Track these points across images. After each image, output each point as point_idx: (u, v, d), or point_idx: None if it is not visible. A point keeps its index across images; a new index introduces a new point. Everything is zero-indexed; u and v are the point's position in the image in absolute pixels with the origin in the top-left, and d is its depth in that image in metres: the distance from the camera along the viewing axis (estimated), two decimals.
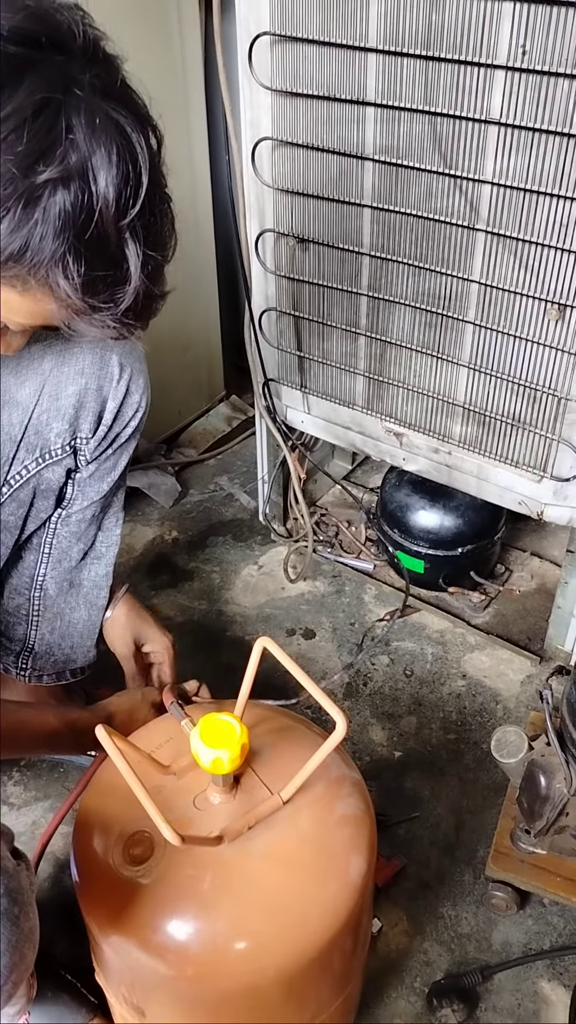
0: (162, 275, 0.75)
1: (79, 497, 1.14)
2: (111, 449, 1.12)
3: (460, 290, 1.21)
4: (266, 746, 0.88)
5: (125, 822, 0.83)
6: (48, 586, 1.18)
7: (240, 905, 0.79)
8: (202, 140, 1.76)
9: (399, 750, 1.36)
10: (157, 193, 0.70)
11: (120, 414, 1.09)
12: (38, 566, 1.16)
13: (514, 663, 1.50)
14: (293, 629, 1.57)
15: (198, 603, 1.62)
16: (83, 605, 1.21)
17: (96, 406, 1.07)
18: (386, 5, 1.07)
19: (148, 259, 0.70)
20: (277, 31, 1.18)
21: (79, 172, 0.63)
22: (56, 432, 1.07)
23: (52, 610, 1.19)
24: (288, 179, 1.29)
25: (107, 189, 0.64)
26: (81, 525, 1.15)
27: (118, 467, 1.15)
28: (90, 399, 1.06)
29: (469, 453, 1.35)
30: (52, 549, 1.16)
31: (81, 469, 1.11)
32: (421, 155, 1.14)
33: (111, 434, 1.10)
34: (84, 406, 1.06)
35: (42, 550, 1.16)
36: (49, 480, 1.10)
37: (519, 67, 1.00)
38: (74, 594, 1.20)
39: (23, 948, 0.72)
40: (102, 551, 1.19)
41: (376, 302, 1.31)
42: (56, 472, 1.09)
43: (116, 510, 1.19)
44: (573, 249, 1.07)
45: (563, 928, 1.15)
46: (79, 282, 0.66)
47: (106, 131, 0.64)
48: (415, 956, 1.12)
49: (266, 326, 1.46)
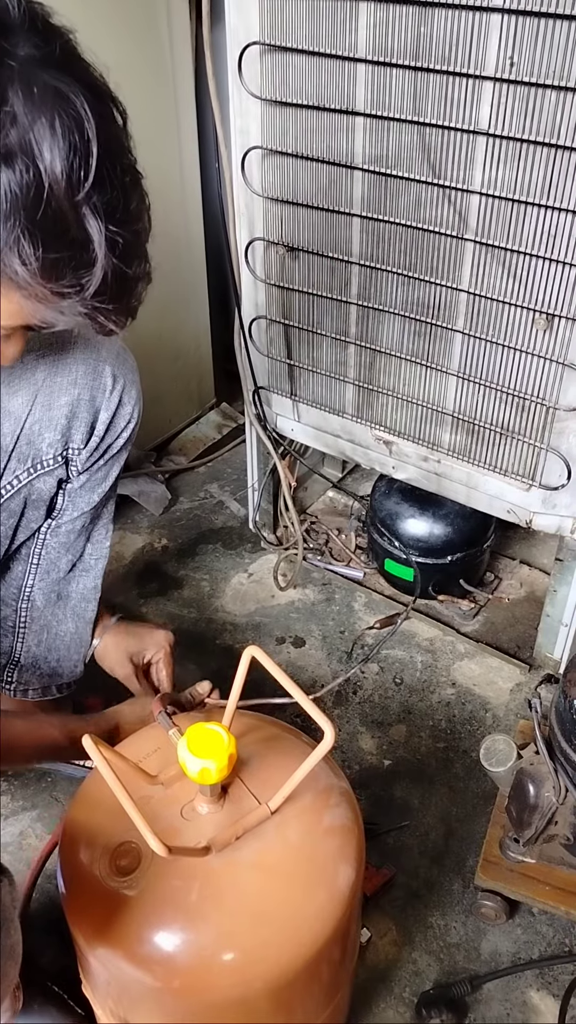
0: (135, 254, 0.69)
1: (69, 507, 1.13)
2: (103, 460, 1.11)
3: (449, 299, 1.21)
4: (254, 756, 0.88)
5: (112, 833, 0.83)
6: (35, 597, 1.17)
7: (227, 916, 0.79)
8: (192, 148, 1.76)
9: (388, 759, 1.36)
10: (117, 165, 0.65)
11: (112, 425, 1.09)
12: (26, 577, 1.16)
13: (503, 671, 1.50)
14: (283, 637, 1.57)
15: (188, 611, 1.62)
16: (71, 618, 1.20)
17: (88, 417, 1.07)
18: (375, 16, 1.07)
19: (115, 236, 0.65)
20: (267, 41, 1.18)
21: (21, 147, 0.59)
22: (48, 442, 1.06)
23: (39, 622, 1.18)
24: (278, 188, 1.29)
25: (54, 162, 0.60)
26: (71, 536, 1.15)
27: (109, 478, 1.14)
28: (82, 410, 1.06)
29: (458, 461, 1.35)
30: (40, 560, 1.15)
31: (72, 480, 1.11)
32: (410, 165, 1.14)
33: (103, 445, 1.10)
34: (76, 416, 1.06)
35: (30, 561, 1.15)
36: (40, 490, 1.09)
37: (507, 78, 1.01)
38: (62, 606, 1.19)
39: (4, 965, 0.71)
40: (91, 563, 1.19)
41: (365, 311, 1.31)
42: (47, 482, 1.09)
43: (106, 522, 1.19)
44: (560, 259, 1.08)
45: (552, 937, 1.14)
46: (37, 267, 0.63)
47: (46, 100, 0.60)
48: (404, 966, 1.12)
49: (256, 334, 1.47)
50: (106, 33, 1.50)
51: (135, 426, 1.12)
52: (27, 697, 1.22)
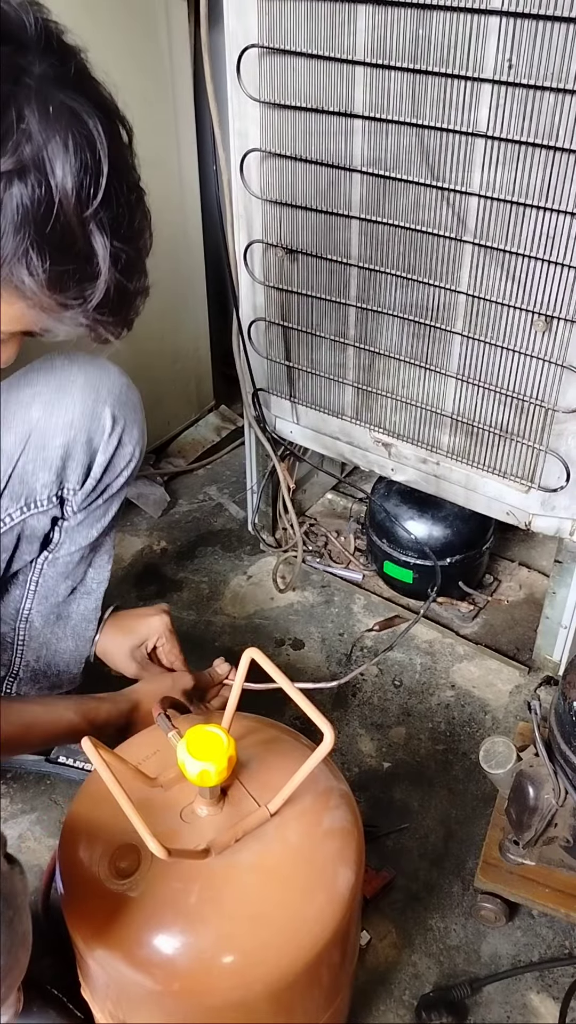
0: (136, 269, 0.71)
1: (67, 542, 1.12)
2: (101, 499, 1.10)
3: (448, 301, 1.21)
4: (254, 758, 0.88)
5: (111, 835, 0.83)
6: (34, 619, 1.16)
7: (227, 918, 0.79)
8: (191, 151, 1.76)
9: (388, 761, 1.36)
10: (124, 183, 0.67)
11: (111, 466, 1.07)
12: (24, 600, 1.14)
13: (503, 673, 1.50)
14: (282, 639, 1.57)
15: (187, 613, 1.62)
16: (70, 637, 1.19)
17: (85, 459, 1.05)
18: (373, 19, 1.08)
19: (118, 252, 0.67)
20: (265, 43, 1.18)
21: (35, 163, 0.61)
22: (42, 483, 1.04)
23: (38, 640, 1.18)
24: (276, 190, 1.30)
25: (65, 179, 0.62)
26: (68, 567, 1.14)
27: (108, 514, 1.13)
28: (79, 451, 1.04)
29: (457, 463, 1.35)
30: (38, 587, 1.14)
31: (69, 518, 1.09)
32: (409, 167, 1.14)
33: (101, 485, 1.08)
34: (72, 458, 1.04)
35: (28, 587, 1.14)
36: (34, 527, 1.08)
37: (505, 80, 1.01)
38: (61, 626, 1.18)
39: (18, 952, 0.72)
40: (92, 587, 1.17)
41: (364, 313, 1.31)
42: (41, 520, 1.07)
43: (108, 548, 1.18)
44: (559, 261, 1.08)
45: (552, 940, 1.14)
46: (44, 278, 0.64)
47: (60, 119, 0.62)
48: (404, 969, 1.11)
49: (255, 336, 1.47)
50: (105, 35, 1.50)
51: (137, 464, 1.10)
52: None
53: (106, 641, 1.21)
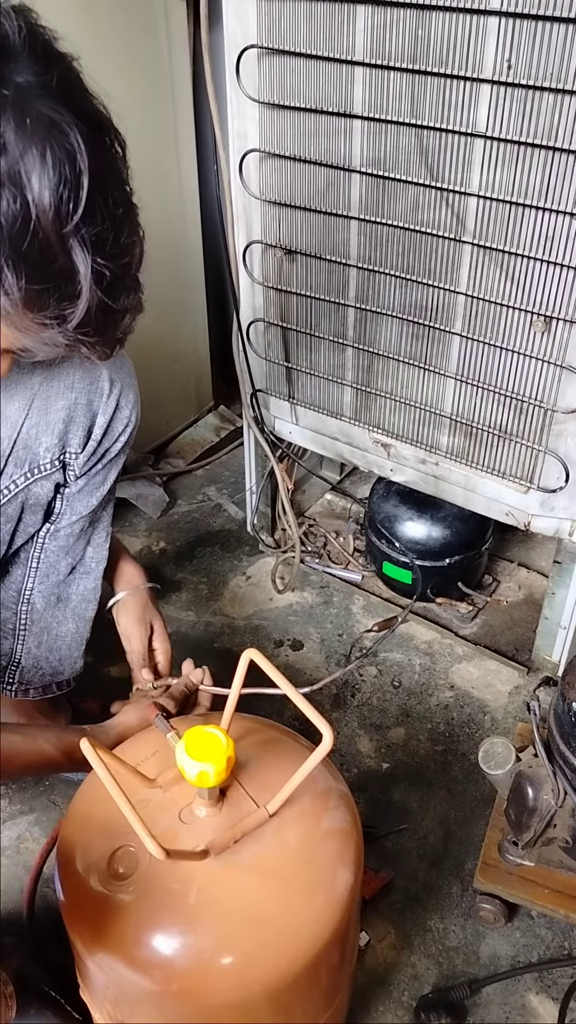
0: (123, 287, 0.68)
1: (68, 512, 1.13)
2: (100, 464, 1.11)
3: (447, 302, 1.21)
4: (252, 758, 0.88)
5: (110, 836, 0.82)
6: (35, 600, 1.17)
7: (226, 919, 0.79)
8: (190, 151, 1.76)
9: (387, 762, 1.36)
10: (109, 197, 0.64)
11: (110, 429, 1.09)
12: (25, 580, 1.16)
13: (502, 674, 1.50)
14: (281, 640, 1.57)
15: (186, 614, 1.62)
16: (71, 619, 1.20)
17: (86, 421, 1.07)
18: (373, 19, 1.08)
19: (102, 269, 0.64)
20: (264, 44, 1.18)
21: (10, 177, 0.58)
22: (45, 447, 1.06)
23: (39, 624, 1.18)
24: (275, 191, 1.30)
25: (42, 193, 0.59)
26: (70, 540, 1.15)
27: (107, 482, 1.14)
28: (80, 414, 1.06)
29: (456, 464, 1.35)
30: (40, 564, 1.15)
31: (70, 484, 1.11)
32: (408, 168, 1.14)
33: (100, 449, 1.10)
34: (74, 421, 1.06)
35: (29, 564, 1.15)
36: (37, 495, 1.09)
37: (505, 81, 1.01)
38: (62, 608, 1.19)
39: None
40: (91, 566, 1.18)
41: (363, 313, 1.31)
42: (44, 487, 1.09)
43: (105, 525, 1.19)
44: (559, 261, 1.08)
45: (551, 940, 1.14)
46: (19, 297, 0.62)
47: (38, 130, 0.59)
48: (403, 970, 1.11)
49: (254, 337, 1.47)
50: (104, 36, 1.50)
51: (133, 429, 1.12)
52: (27, 697, 1.22)
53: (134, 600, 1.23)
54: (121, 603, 1.23)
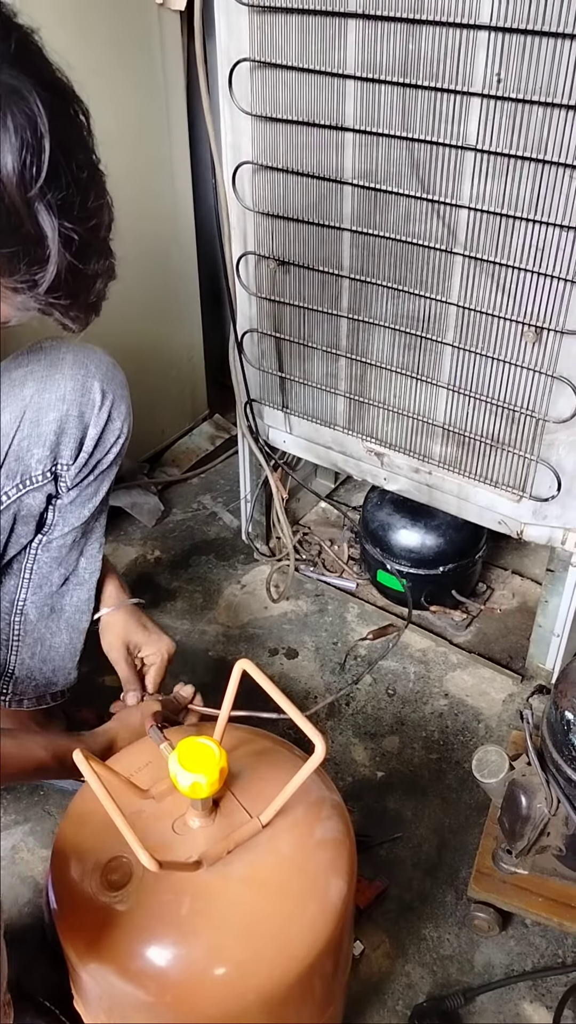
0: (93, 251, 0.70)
1: (60, 523, 1.13)
2: (92, 475, 1.12)
3: (439, 312, 1.22)
4: (245, 769, 0.88)
5: (103, 847, 0.83)
6: (28, 611, 1.17)
7: (219, 930, 0.79)
8: (184, 162, 1.77)
9: (381, 770, 1.36)
10: (72, 162, 0.65)
11: (102, 440, 1.09)
12: (18, 591, 1.16)
13: (496, 682, 1.50)
14: (276, 648, 1.57)
15: (180, 623, 1.62)
16: (65, 630, 1.20)
17: (77, 433, 1.07)
18: (364, 33, 1.09)
19: (70, 233, 0.66)
20: (257, 57, 1.19)
21: None
22: (37, 459, 1.07)
23: (33, 635, 1.18)
24: (269, 202, 1.30)
25: (5, 158, 0.60)
26: (62, 551, 1.15)
27: (99, 493, 1.14)
28: (71, 426, 1.06)
29: (449, 473, 1.36)
30: (33, 575, 1.15)
31: (62, 495, 1.11)
32: (399, 180, 1.15)
33: (92, 460, 1.10)
34: (65, 432, 1.06)
35: (22, 575, 1.15)
36: (29, 506, 1.09)
37: (494, 95, 1.02)
38: (55, 619, 1.19)
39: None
40: (85, 577, 1.19)
41: (356, 324, 1.32)
42: (36, 498, 1.09)
43: (98, 536, 1.19)
44: (549, 272, 1.09)
45: (545, 949, 1.14)
46: None
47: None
48: (397, 979, 1.12)
49: (248, 347, 1.47)
50: (100, 51, 1.51)
51: (125, 441, 1.12)
52: (22, 707, 1.22)
53: (117, 618, 1.22)
54: (104, 621, 1.22)
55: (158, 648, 1.21)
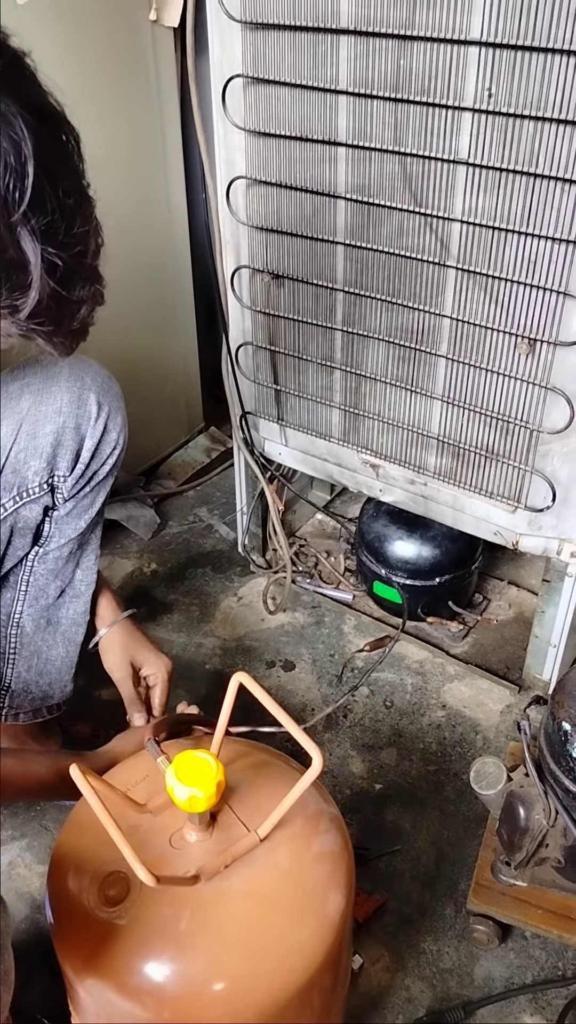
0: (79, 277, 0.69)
1: (56, 535, 1.13)
2: (89, 487, 1.12)
3: (432, 325, 1.23)
4: (243, 782, 0.88)
5: (100, 862, 0.82)
6: (25, 624, 1.17)
7: (217, 945, 0.79)
8: (179, 177, 1.78)
9: (379, 782, 1.36)
10: (59, 187, 0.65)
11: (98, 452, 1.10)
12: (15, 604, 1.16)
13: (493, 693, 1.50)
14: (273, 661, 1.57)
15: (177, 636, 1.62)
16: (61, 643, 1.20)
17: (74, 444, 1.08)
18: (355, 49, 1.09)
19: (53, 259, 0.65)
20: (250, 73, 1.20)
21: None
22: (34, 470, 1.07)
23: (29, 648, 1.18)
24: (262, 216, 1.31)
25: None
26: (59, 562, 1.15)
27: (95, 504, 1.15)
28: (68, 437, 1.07)
29: (444, 484, 1.36)
30: (29, 587, 1.16)
31: (59, 507, 1.11)
32: (392, 194, 1.16)
33: (88, 472, 1.11)
34: (62, 444, 1.07)
35: (19, 588, 1.15)
36: (26, 518, 1.10)
37: (485, 109, 1.03)
38: (52, 632, 1.19)
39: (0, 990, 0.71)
40: (81, 589, 1.19)
41: (351, 336, 1.32)
42: (33, 510, 1.09)
43: (94, 548, 1.19)
44: (541, 285, 1.09)
45: (545, 961, 1.14)
46: None
47: None
48: (397, 992, 1.11)
49: (243, 360, 1.48)
50: (94, 65, 1.52)
51: (121, 452, 1.13)
52: (18, 721, 1.21)
53: (115, 637, 1.21)
54: (103, 642, 1.22)
55: (159, 667, 1.21)
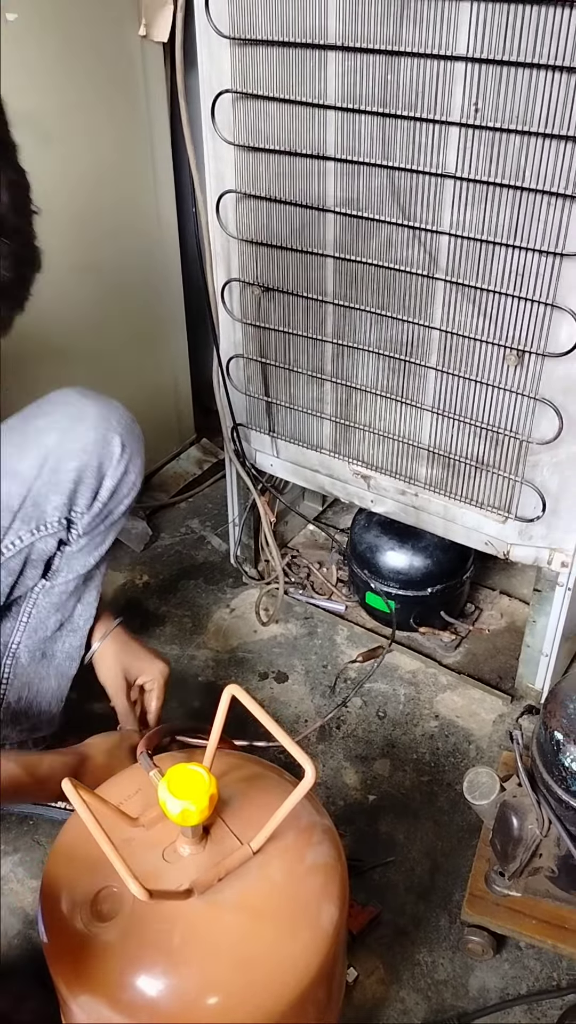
0: None
1: (64, 569, 1.15)
2: (103, 525, 1.14)
3: (422, 337, 1.23)
4: (236, 795, 0.88)
5: (93, 877, 0.82)
6: (21, 654, 1.17)
7: (211, 959, 0.78)
8: (169, 191, 1.79)
9: (373, 793, 1.35)
10: None
11: (116, 492, 1.12)
12: (14, 634, 1.17)
13: (486, 702, 1.50)
14: (266, 672, 1.57)
15: (170, 648, 1.62)
16: (53, 675, 1.21)
17: (94, 483, 1.10)
18: (344, 65, 1.10)
19: None
20: (239, 89, 1.21)
21: None
22: (54, 505, 1.09)
23: (22, 679, 1.19)
24: (252, 230, 1.32)
25: None
26: (62, 597, 1.16)
27: (106, 543, 1.17)
28: (89, 475, 1.09)
29: (435, 495, 1.37)
30: (31, 619, 1.16)
31: (72, 542, 1.13)
32: (381, 207, 1.17)
33: (106, 510, 1.13)
34: (83, 481, 1.09)
35: (20, 619, 1.17)
36: (40, 551, 1.12)
37: (472, 124, 1.04)
38: (45, 664, 1.20)
39: None
40: (79, 624, 1.20)
41: (341, 349, 1.33)
42: (48, 543, 1.11)
43: (97, 584, 1.21)
44: (529, 297, 1.10)
45: (540, 972, 1.14)
46: None
47: None
48: (392, 1005, 1.11)
49: (234, 372, 1.48)
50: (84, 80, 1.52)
51: (136, 493, 1.16)
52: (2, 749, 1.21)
53: (108, 648, 1.22)
54: (97, 655, 1.22)
55: (154, 673, 1.21)
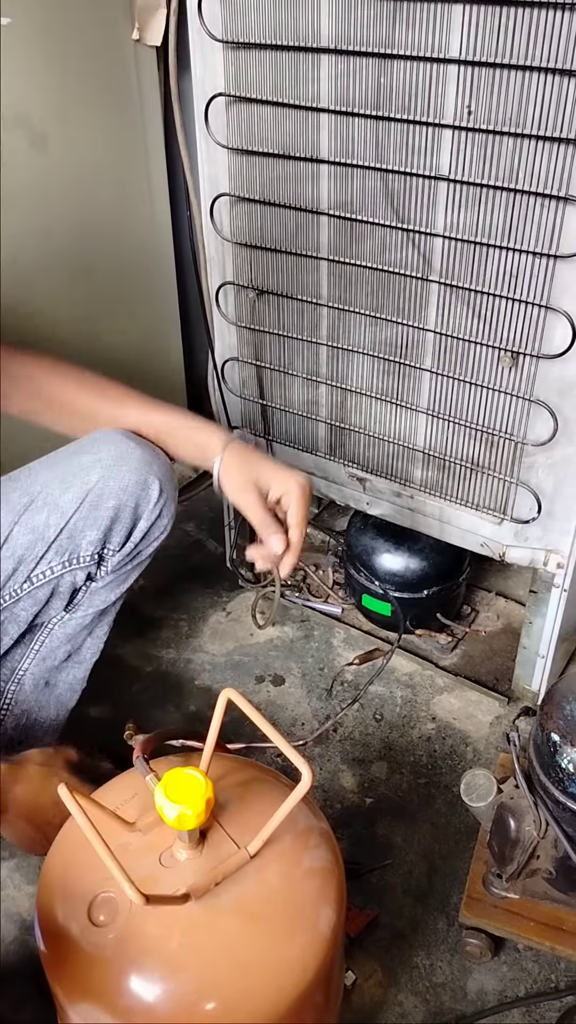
0: None
1: (86, 603, 1.17)
2: (131, 564, 1.17)
3: (416, 339, 1.23)
4: (232, 799, 0.88)
5: (90, 882, 0.82)
6: (26, 681, 1.19)
7: (208, 964, 0.78)
8: (163, 194, 1.79)
9: (370, 796, 1.35)
10: None
11: (148, 533, 1.15)
12: (23, 660, 1.18)
13: (483, 704, 1.50)
14: (262, 676, 1.56)
15: (166, 651, 1.62)
16: (53, 705, 1.21)
17: (129, 522, 1.12)
18: (337, 68, 1.11)
19: None
20: (232, 92, 1.21)
21: None
22: (89, 540, 1.11)
23: (22, 706, 1.19)
24: (247, 233, 1.32)
25: None
26: (76, 629, 1.19)
27: (128, 581, 1.20)
28: (126, 515, 1.11)
29: (431, 497, 1.37)
30: (42, 647, 1.18)
31: (98, 578, 1.15)
32: (375, 210, 1.17)
33: (135, 550, 1.15)
34: (119, 520, 1.11)
35: (32, 646, 1.18)
36: (68, 583, 1.14)
37: (465, 126, 1.04)
38: (47, 693, 1.20)
39: None
40: (85, 656, 1.22)
41: (335, 351, 1.33)
42: (78, 576, 1.13)
43: (109, 620, 1.23)
44: (523, 298, 1.10)
45: (538, 974, 1.14)
46: None
47: None
48: (390, 1008, 1.10)
49: (228, 375, 1.48)
50: (78, 84, 1.52)
51: (165, 536, 1.18)
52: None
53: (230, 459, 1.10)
54: (223, 471, 1.09)
55: (289, 483, 1.08)
